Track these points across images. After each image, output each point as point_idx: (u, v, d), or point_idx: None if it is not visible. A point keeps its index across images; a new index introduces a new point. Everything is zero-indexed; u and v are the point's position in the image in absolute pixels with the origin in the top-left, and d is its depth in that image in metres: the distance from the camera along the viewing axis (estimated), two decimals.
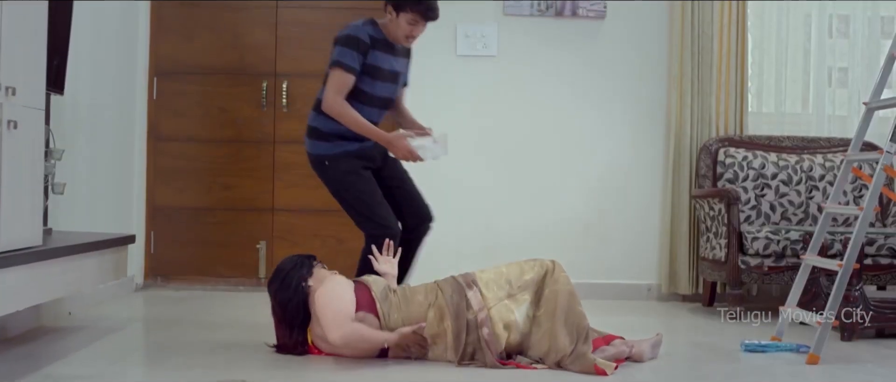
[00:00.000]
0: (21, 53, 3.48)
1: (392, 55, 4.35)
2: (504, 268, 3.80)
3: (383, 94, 4.35)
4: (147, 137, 6.17)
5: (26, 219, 3.53)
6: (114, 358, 3.89)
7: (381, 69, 4.30)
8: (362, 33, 4.25)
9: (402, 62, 4.45)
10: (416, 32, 4.33)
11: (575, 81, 6.09)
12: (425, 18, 4.28)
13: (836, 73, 6.20)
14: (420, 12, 4.26)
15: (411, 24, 4.26)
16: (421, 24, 4.30)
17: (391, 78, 4.38)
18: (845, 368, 3.89)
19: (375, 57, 4.28)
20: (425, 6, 4.26)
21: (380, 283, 3.80)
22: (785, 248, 5.16)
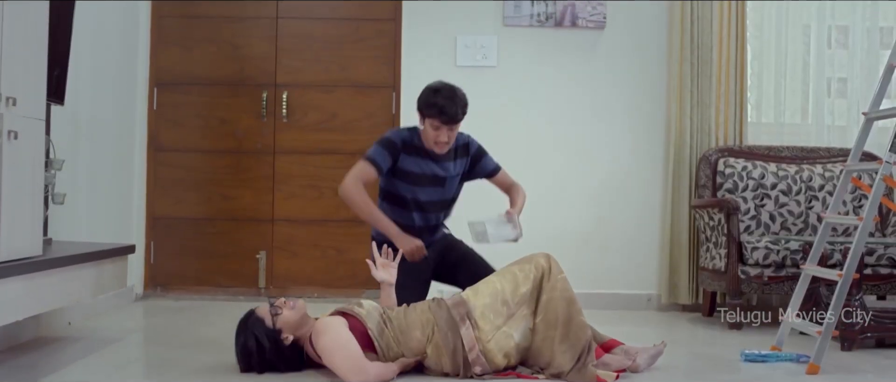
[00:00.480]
0: (22, 63, 3.49)
1: (428, 159, 4.30)
2: (497, 283, 3.72)
3: (422, 197, 4.33)
4: (147, 147, 6.18)
5: (26, 229, 3.53)
6: (113, 369, 3.88)
7: (411, 173, 4.29)
8: (396, 137, 4.31)
9: (446, 165, 4.35)
10: (441, 138, 4.23)
11: (575, 90, 6.10)
12: (442, 123, 4.18)
13: (835, 83, 6.20)
14: (434, 117, 4.18)
15: (435, 129, 4.20)
16: (444, 129, 4.20)
17: (431, 182, 4.32)
18: (845, 378, 3.89)
19: (405, 161, 4.28)
20: (437, 110, 4.17)
21: (373, 317, 3.65)
22: (785, 258, 5.16)
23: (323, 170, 6.18)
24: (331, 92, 6.19)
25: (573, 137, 6.10)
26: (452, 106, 4.16)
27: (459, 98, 4.21)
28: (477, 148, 4.47)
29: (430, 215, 4.38)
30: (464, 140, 4.43)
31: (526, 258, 3.81)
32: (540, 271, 3.72)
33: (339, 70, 6.20)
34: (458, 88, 4.26)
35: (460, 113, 4.19)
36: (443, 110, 4.14)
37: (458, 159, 4.40)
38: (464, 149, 4.42)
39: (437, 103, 4.15)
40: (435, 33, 6.07)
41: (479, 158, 4.46)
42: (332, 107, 6.19)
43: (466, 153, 4.43)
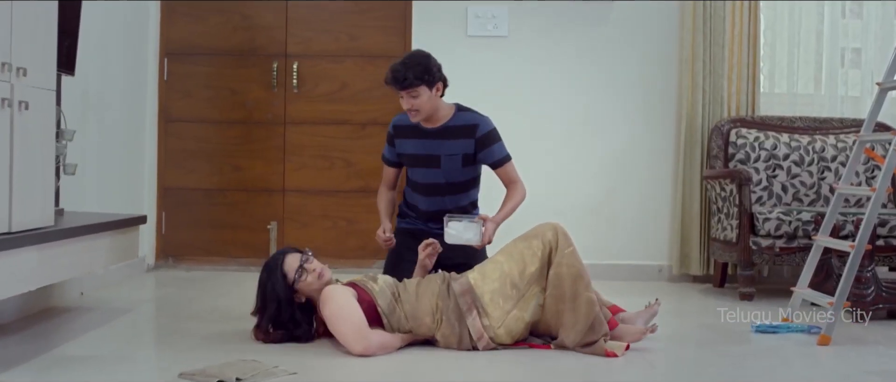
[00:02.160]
0: (31, 34, 3.49)
1: (423, 137, 4.25)
2: (505, 264, 3.65)
3: (420, 179, 4.32)
4: (158, 118, 6.18)
5: (38, 200, 3.54)
6: (125, 339, 3.90)
7: (407, 155, 4.32)
8: (392, 123, 4.37)
9: (442, 143, 4.24)
10: (405, 105, 4.16)
11: (585, 61, 6.07)
12: (395, 88, 4.12)
13: (849, 53, 6.16)
14: (387, 83, 4.15)
15: (399, 97, 4.16)
16: (405, 96, 4.12)
17: (424, 162, 4.28)
18: (856, 349, 3.89)
19: (402, 144, 4.32)
20: (389, 74, 4.12)
21: (385, 294, 3.64)
22: (796, 229, 5.15)
23: (333, 140, 6.18)
24: (341, 62, 6.18)
25: (584, 108, 6.08)
26: (401, 68, 4.07)
27: (413, 60, 4.11)
28: (486, 133, 4.25)
29: (433, 198, 4.33)
30: (472, 120, 4.25)
31: (534, 231, 3.76)
32: (547, 246, 3.67)
33: (350, 40, 6.18)
34: (420, 53, 4.19)
35: (410, 75, 4.05)
36: (393, 74, 4.09)
37: (461, 138, 4.23)
38: (469, 129, 4.24)
39: (390, 69, 4.11)
40: (445, 3, 6.04)
41: (487, 143, 4.25)
42: (343, 77, 6.18)
43: (472, 134, 4.23)
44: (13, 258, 3.24)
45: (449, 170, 4.27)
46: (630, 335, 3.70)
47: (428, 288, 3.69)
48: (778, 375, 3.47)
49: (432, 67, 4.13)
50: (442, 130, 4.23)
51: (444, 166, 4.25)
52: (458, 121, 4.24)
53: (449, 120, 4.24)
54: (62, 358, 3.49)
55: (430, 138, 4.24)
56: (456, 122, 4.24)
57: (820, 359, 3.73)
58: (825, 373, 3.56)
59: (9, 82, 3.28)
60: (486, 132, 4.25)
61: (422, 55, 4.16)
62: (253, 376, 3.14)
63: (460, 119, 4.25)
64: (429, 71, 4.10)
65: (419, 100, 4.11)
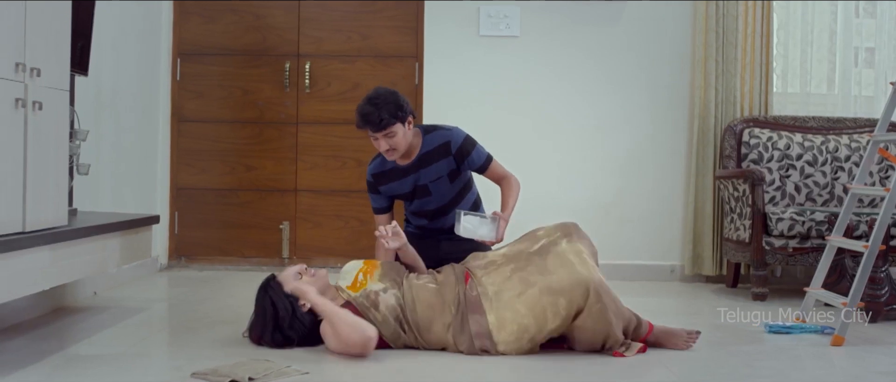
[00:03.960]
0: (45, 34, 3.50)
1: (404, 176, 4.19)
2: (525, 316, 3.48)
3: (417, 209, 4.30)
4: (170, 118, 6.20)
5: (51, 199, 3.55)
6: (138, 338, 3.91)
7: (399, 195, 4.28)
8: (369, 173, 4.28)
9: (423, 173, 4.17)
10: (381, 146, 4.02)
11: (598, 61, 6.06)
12: (371, 131, 3.97)
13: (862, 53, 6.14)
14: (359, 127, 4.01)
15: (374, 140, 4.03)
16: (380, 138, 3.99)
17: (415, 195, 4.24)
18: (870, 350, 3.87)
19: (388, 189, 4.26)
20: (361, 119, 3.97)
21: (389, 324, 3.55)
22: (810, 229, 5.13)
23: (345, 140, 6.18)
24: (353, 62, 6.19)
25: (596, 107, 6.07)
26: (375, 111, 3.91)
27: (382, 99, 3.95)
28: (460, 145, 4.16)
29: (437, 220, 4.31)
30: (442, 139, 4.16)
31: (564, 281, 3.52)
32: (574, 307, 3.48)
33: (362, 40, 6.18)
34: (385, 90, 4.01)
35: (386, 116, 3.92)
36: (366, 118, 3.93)
37: (438, 161, 4.16)
38: (443, 149, 4.15)
39: (361, 112, 3.95)
40: (457, 2, 6.04)
41: (465, 154, 4.17)
42: (355, 77, 6.18)
43: (447, 153, 4.15)
44: (27, 258, 3.25)
45: (440, 194, 4.23)
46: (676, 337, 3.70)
47: (440, 318, 3.58)
48: (790, 376, 3.46)
49: (402, 102, 3.99)
50: (418, 161, 4.16)
51: (434, 191, 4.21)
52: (429, 146, 4.15)
53: (421, 149, 4.15)
54: (75, 357, 3.50)
55: (410, 173, 4.18)
56: (427, 147, 4.15)
57: (833, 360, 3.72)
58: (838, 374, 3.54)
59: (23, 83, 3.30)
60: (460, 144, 4.16)
61: (388, 92, 4.00)
62: (265, 375, 3.14)
63: (430, 142, 4.16)
64: (401, 107, 3.97)
65: (396, 139, 3.99)
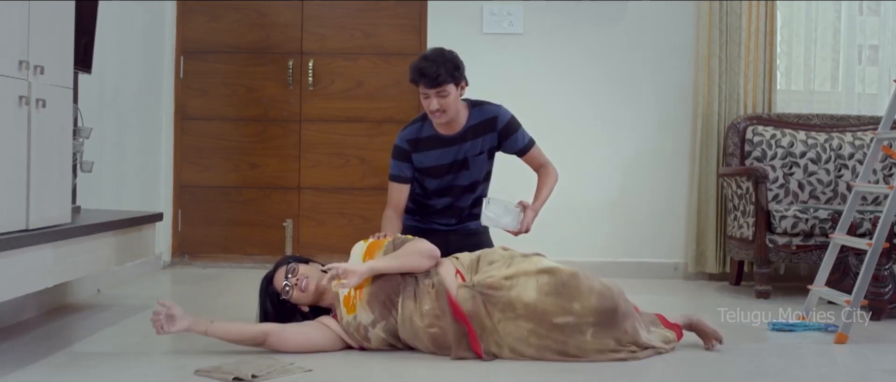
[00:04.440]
0: (49, 32, 3.50)
1: (445, 146, 4.04)
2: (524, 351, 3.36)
3: (446, 184, 4.11)
4: (174, 115, 6.20)
5: (55, 197, 3.56)
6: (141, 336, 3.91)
7: (431, 167, 4.08)
8: (401, 139, 4.08)
9: (466, 146, 4.04)
10: (431, 105, 3.89)
11: (602, 59, 6.06)
12: (426, 86, 3.86)
13: (866, 50, 6.13)
14: (417, 82, 3.89)
15: (425, 98, 3.91)
16: (432, 95, 3.87)
17: (451, 169, 4.08)
18: (874, 348, 3.87)
19: (422, 158, 4.07)
20: (417, 73, 3.87)
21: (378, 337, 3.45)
22: (813, 227, 5.12)
23: (349, 138, 6.18)
24: (356, 60, 6.19)
25: (599, 105, 6.06)
26: (433, 66, 3.83)
27: (443, 57, 3.88)
28: (506, 122, 4.10)
29: (448, 198, 4.17)
30: (491, 113, 4.09)
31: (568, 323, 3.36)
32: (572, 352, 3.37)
33: (365, 37, 6.18)
34: (450, 51, 3.93)
35: (444, 72, 3.83)
36: (422, 72, 3.83)
37: (484, 135, 4.07)
38: (490, 124, 4.08)
39: (418, 66, 3.86)
40: (461, 0, 6.04)
41: (510, 132, 4.11)
42: (358, 75, 6.19)
43: (493, 128, 4.08)
44: (30, 256, 3.26)
45: (477, 169, 4.12)
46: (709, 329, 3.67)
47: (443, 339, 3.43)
48: (794, 373, 3.45)
49: (461, 65, 3.93)
50: (465, 133, 4.05)
51: (473, 166, 4.10)
52: (477, 118, 4.06)
53: (468, 121, 4.05)
54: (78, 355, 3.50)
55: (453, 144, 4.05)
56: (475, 120, 4.06)
57: (837, 358, 3.72)
58: (842, 372, 3.54)
59: (26, 80, 3.30)
60: (507, 121, 4.10)
61: (450, 52, 3.93)
62: (269, 373, 3.15)
63: (478, 115, 4.07)
64: (459, 68, 3.92)
65: (448, 99, 3.89)
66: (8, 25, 3.21)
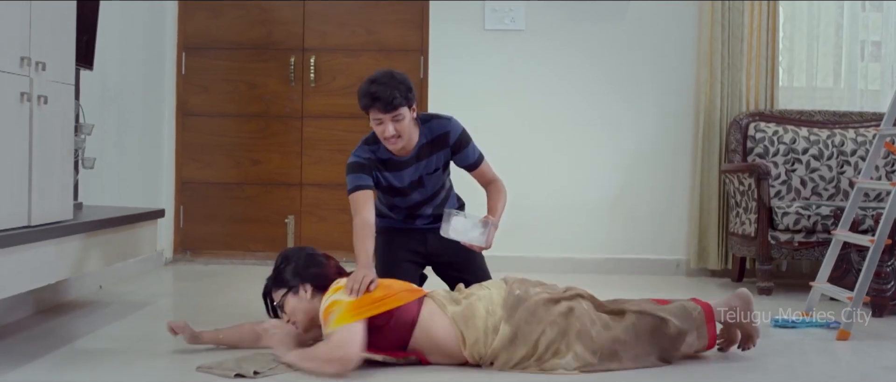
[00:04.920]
0: (50, 28, 3.50)
1: (399, 170, 3.83)
2: None
3: (406, 202, 3.94)
4: (176, 112, 6.20)
5: (57, 194, 3.56)
6: (143, 333, 3.92)
7: (390, 187, 3.88)
8: (361, 157, 3.81)
9: (422, 164, 3.84)
10: (387, 131, 3.64)
11: (603, 55, 6.05)
12: (379, 111, 3.61)
13: (868, 46, 6.12)
14: (370, 107, 3.63)
15: (378, 123, 3.65)
16: (387, 120, 3.62)
17: (412, 187, 3.89)
18: (876, 344, 3.86)
19: (380, 178, 3.85)
20: (370, 98, 3.61)
21: None
22: (815, 223, 5.12)
23: (350, 134, 6.17)
24: (358, 56, 6.18)
25: (601, 101, 6.06)
26: (386, 90, 3.57)
27: (396, 79, 3.62)
28: (458, 137, 3.86)
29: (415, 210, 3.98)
30: (442, 129, 3.85)
31: None
32: None
33: (367, 34, 6.18)
34: (398, 72, 3.67)
35: (398, 95, 3.58)
36: (375, 96, 3.57)
37: (437, 152, 3.86)
38: (442, 139, 3.84)
39: (369, 91, 3.59)
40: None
41: (461, 147, 3.88)
42: (360, 71, 6.18)
43: (445, 144, 3.85)
44: (32, 252, 3.26)
45: (431, 185, 3.93)
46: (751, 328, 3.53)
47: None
48: (797, 370, 3.45)
49: (412, 86, 3.69)
50: (419, 152, 3.82)
51: (428, 183, 3.91)
52: (427, 136, 3.83)
53: (421, 139, 3.81)
54: (81, 352, 3.50)
55: (408, 167, 3.84)
56: (426, 138, 3.83)
57: (839, 354, 3.71)
58: (844, 368, 3.54)
59: (28, 77, 3.30)
60: (459, 136, 3.87)
61: (399, 73, 3.68)
62: (270, 369, 3.15)
63: (428, 133, 3.83)
64: (411, 90, 3.67)
65: (403, 123, 3.65)
66: (9, 22, 3.21)
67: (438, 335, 3.26)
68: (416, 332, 3.26)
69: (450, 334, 3.25)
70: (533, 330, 3.21)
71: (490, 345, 3.22)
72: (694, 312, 3.37)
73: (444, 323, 3.26)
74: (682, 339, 3.33)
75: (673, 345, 3.33)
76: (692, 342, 3.36)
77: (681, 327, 3.33)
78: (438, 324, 3.27)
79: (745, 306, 3.46)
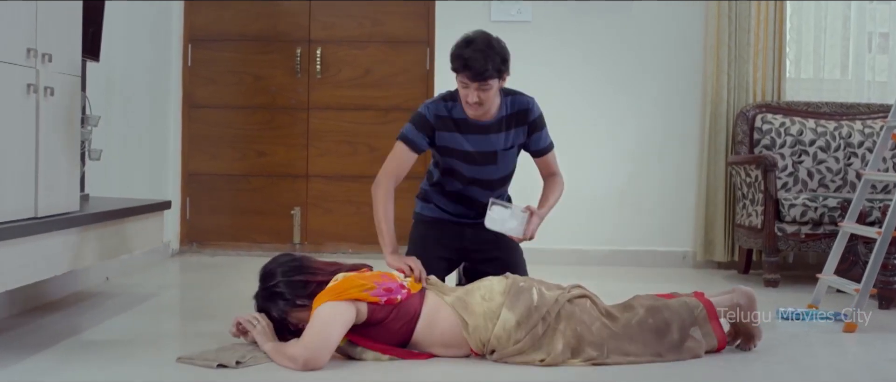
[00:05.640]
0: (57, 20, 3.50)
1: (472, 132, 3.69)
2: None
3: (467, 173, 3.76)
4: (182, 104, 6.21)
5: (64, 185, 3.56)
6: (150, 324, 3.93)
7: (454, 150, 3.72)
8: (429, 111, 3.71)
9: (496, 138, 3.71)
10: (470, 98, 3.54)
11: (611, 48, 6.04)
12: (469, 79, 3.51)
13: (876, 38, 6.10)
14: (460, 71, 3.53)
15: (463, 86, 3.56)
16: (472, 88, 3.52)
17: (477, 160, 3.73)
18: (882, 337, 3.86)
19: (443, 137, 3.71)
20: (462, 62, 3.51)
21: None
22: (822, 215, 5.11)
23: (357, 126, 6.18)
24: (364, 48, 6.18)
25: (608, 93, 6.05)
26: (480, 59, 3.47)
27: (494, 49, 3.52)
28: (537, 117, 3.77)
29: (482, 192, 3.79)
30: (524, 105, 3.74)
31: None
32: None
33: (373, 25, 6.17)
34: (497, 39, 3.57)
35: (491, 68, 3.48)
36: (467, 64, 3.48)
37: (514, 128, 3.74)
38: (521, 116, 3.74)
39: (463, 55, 3.50)
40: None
41: (537, 129, 3.78)
42: (366, 63, 6.18)
43: (524, 121, 3.74)
44: (39, 244, 3.27)
45: (505, 164, 3.79)
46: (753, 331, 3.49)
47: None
48: (803, 362, 3.45)
49: (508, 57, 3.59)
50: (498, 122, 3.71)
51: (501, 161, 3.76)
52: (510, 108, 3.73)
53: (502, 109, 3.71)
54: (87, 343, 3.51)
55: (482, 133, 3.70)
56: (508, 109, 3.72)
57: (845, 346, 3.71)
58: (850, 361, 3.54)
59: (34, 68, 3.30)
60: (537, 116, 3.78)
61: (497, 41, 3.57)
62: (253, 358, 3.15)
63: (511, 105, 3.73)
64: (506, 61, 3.57)
65: (489, 93, 3.56)
66: (16, 14, 3.21)
67: (442, 324, 3.25)
68: (419, 325, 3.24)
69: (453, 322, 3.24)
70: (535, 320, 3.20)
71: (491, 331, 3.21)
72: (696, 309, 3.36)
73: (446, 312, 3.25)
74: (685, 336, 3.32)
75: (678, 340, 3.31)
76: (698, 340, 3.34)
77: (684, 323, 3.32)
78: (442, 314, 3.25)
79: (749, 305, 3.44)
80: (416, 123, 3.71)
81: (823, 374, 3.34)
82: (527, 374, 3.12)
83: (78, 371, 3.08)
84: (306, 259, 3.37)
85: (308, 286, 3.25)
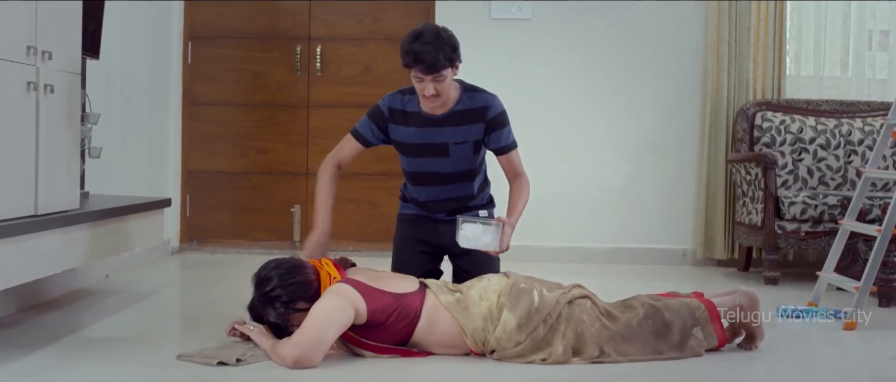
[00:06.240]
0: (57, 18, 3.50)
1: (426, 125, 3.70)
2: None
3: (418, 169, 3.80)
4: (182, 101, 6.21)
5: (64, 183, 3.56)
6: (150, 322, 3.93)
7: (404, 144, 3.76)
8: (385, 104, 3.77)
9: (448, 131, 3.70)
10: (426, 91, 3.54)
11: (610, 45, 6.04)
12: (422, 72, 3.50)
13: (876, 35, 6.10)
14: (412, 66, 3.52)
15: (418, 81, 3.56)
16: (427, 81, 3.52)
17: (428, 151, 3.74)
18: (882, 334, 3.86)
19: (396, 131, 3.76)
20: (412, 57, 3.49)
21: None
22: (822, 213, 5.11)
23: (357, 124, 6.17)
24: (364, 45, 6.18)
25: (607, 90, 6.05)
26: (431, 51, 3.46)
27: (444, 40, 3.50)
28: (497, 115, 3.72)
29: (433, 188, 3.82)
30: (482, 102, 3.71)
31: None
32: None
33: (373, 23, 6.17)
34: (445, 30, 3.56)
35: (442, 58, 3.47)
36: (418, 57, 3.46)
37: (469, 124, 3.70)
38: (478, 113, 3.70)
39: (414, 50, 3.47)
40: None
41: (497, 127, 3.72)
42: (366, 60, 6.18)
43: (481, 118, 3.70)
44: (39, 241, 3.26)
45: (458, 159, 3.76)
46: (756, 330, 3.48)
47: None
48: (803, 360, 3.44)
49: (458, 45, 3.57)
50: (450, 116, 3.68)
51: (454, 155, 3.74)
52: (467, 104, 3.70)
53: (457, 103, 3.69)
54: (87, 340, 3.51)
55: (435, 126, 3.69)
56: (465, 105, 3.70)
57: (845, 344, 3.71)
58: (850, 358, 3.54)
59: (34, 66, 3.30)
60: (497, 114, 3.72)
61: (445, 31, 3.56)
62: (253, 355, 3.15)
63: (469, 101, 3.70)
64: (456, 50, 3.55)
65: (444, 84, 3.55)
66: (16, 11, 3.21)
67: (442, 325, 3.24)
68: (419, 325, 3.23)
69: (452, 323, 3.24)
70: (536, 322, 3.19)
71: (491, 332, 3.21)
72: (698, 311, 3.35)
73: (445, 313, 3.25)
74: (687, 336, 3.32)
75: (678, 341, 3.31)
76: (700, 339, 3.34)
77: (685, 325, 3.31)
78: (441, 315, 3.25)
79: (752, 306, 3.43)
80: (371, 115, 3.82)
81: (824, 372, 3.34)
82: (527, 374, 3.11)
83: (78, 368, 3.08)
84: (299, 260, 3.34)
85: (308, 288, 3.23)
